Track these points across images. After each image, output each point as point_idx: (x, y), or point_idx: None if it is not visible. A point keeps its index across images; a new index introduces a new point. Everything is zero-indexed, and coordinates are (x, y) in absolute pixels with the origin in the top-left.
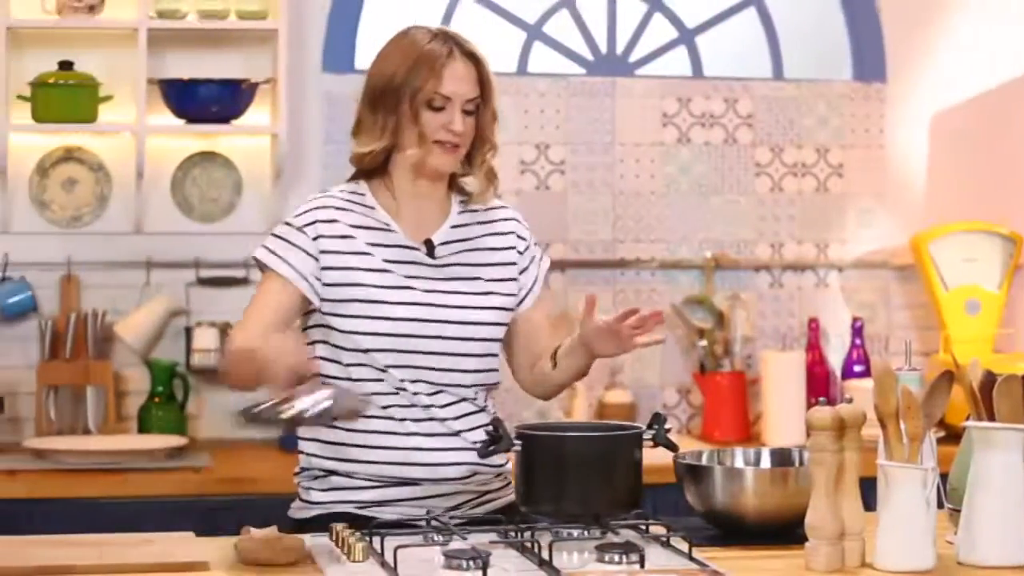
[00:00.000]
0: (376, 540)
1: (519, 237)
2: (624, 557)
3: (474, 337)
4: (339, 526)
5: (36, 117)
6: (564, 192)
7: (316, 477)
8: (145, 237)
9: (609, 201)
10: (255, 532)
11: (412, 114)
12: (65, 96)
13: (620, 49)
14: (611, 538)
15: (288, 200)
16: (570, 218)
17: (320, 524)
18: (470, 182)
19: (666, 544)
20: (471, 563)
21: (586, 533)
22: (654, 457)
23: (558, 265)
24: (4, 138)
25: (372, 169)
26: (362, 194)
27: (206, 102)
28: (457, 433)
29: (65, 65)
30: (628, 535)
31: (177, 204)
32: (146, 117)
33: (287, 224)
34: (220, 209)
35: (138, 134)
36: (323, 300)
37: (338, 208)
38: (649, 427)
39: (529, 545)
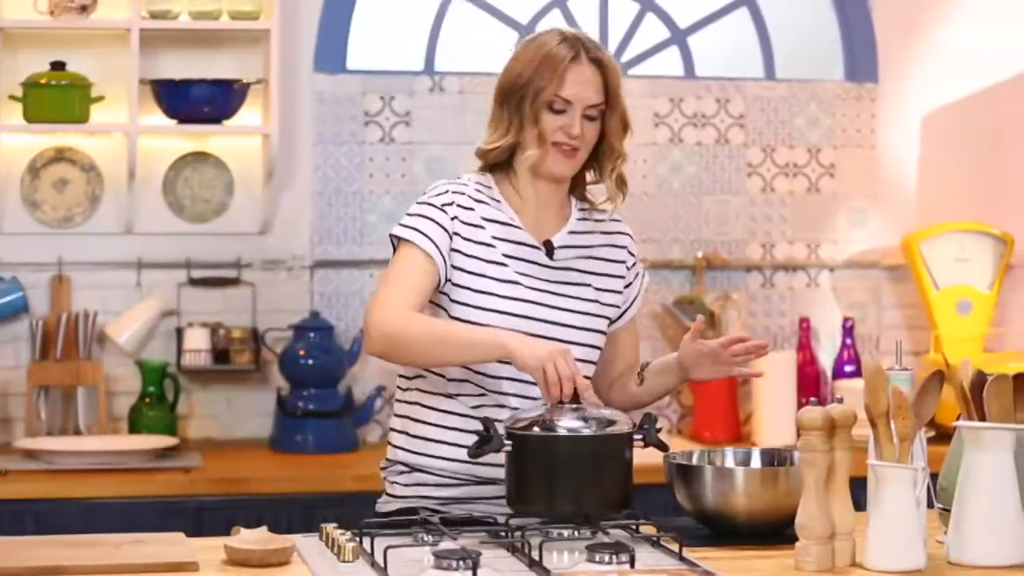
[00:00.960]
0: (366, 540)
1: (630, 253)
2: (614, 557)
3: (574, 342)
4: (329, 526)
5: (28, 117)
6: None
7: (401, 472)
8: (136, 237)
9: None
10: (245, 532)
11: (533, 114)
12: (57, 96)
13: (612, 49)
14: (601, 538)
15: (279, 200)
16: None
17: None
18: (597, 191)
19: (656, 544)
20: (461, 563)
21: (576, 533)
22: (645, 457)
23: None
24: None
25: (496, 164)
26: (489, 187)
27: (198, 102)
28: None
29: (57, 65)
30: (618, 535)
31: (168, 204)
32: (138, 117)
33: (425, 203)
34: (212, 209)
35: (130, 134)
36: (444, 281)
37: (473, 197)
38: (640, 427)
39: (519, 545)
